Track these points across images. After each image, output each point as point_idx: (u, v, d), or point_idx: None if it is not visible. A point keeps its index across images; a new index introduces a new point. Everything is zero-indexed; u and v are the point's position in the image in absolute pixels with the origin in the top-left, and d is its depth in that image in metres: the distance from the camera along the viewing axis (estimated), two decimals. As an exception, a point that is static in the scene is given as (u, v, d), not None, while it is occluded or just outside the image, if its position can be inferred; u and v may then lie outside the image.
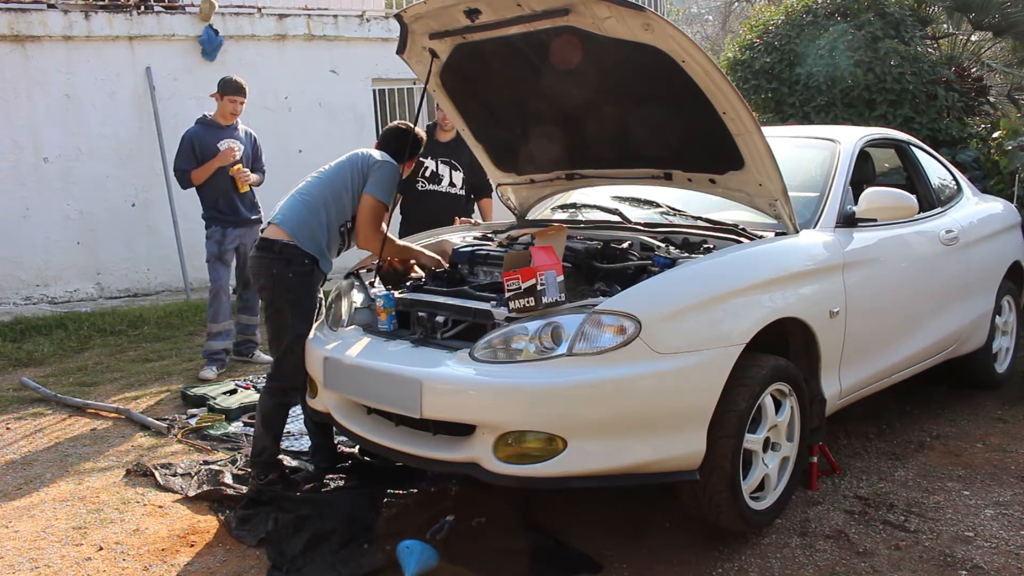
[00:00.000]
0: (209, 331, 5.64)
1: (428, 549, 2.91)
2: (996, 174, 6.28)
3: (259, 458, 3.64)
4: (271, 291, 3.60)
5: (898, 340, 3.88)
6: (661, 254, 3.31)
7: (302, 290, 3.57)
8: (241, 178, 5.49)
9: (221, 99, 5.55)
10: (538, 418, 2.73)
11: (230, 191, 5.51)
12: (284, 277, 3.54)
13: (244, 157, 5.60)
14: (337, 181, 3.67)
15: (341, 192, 3.65)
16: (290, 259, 3.54)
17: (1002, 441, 4.05)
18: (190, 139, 5.51)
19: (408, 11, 3.50)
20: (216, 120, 5.58)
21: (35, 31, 7.85)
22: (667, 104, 3.33)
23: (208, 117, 5.61)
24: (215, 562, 3.09)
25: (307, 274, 3.58)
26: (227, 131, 5.58)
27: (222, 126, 5.58)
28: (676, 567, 2.96)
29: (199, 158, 5.47)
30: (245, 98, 5.61)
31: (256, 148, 5.77)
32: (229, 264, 5.65)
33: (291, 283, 3.54)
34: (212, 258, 5.59)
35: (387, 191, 3.65)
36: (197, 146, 5.48)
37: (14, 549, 3.22)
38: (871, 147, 4.26)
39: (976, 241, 4.45)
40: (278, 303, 3.59)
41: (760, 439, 3.06)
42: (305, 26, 9.12)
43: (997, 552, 3.01)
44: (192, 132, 5.55)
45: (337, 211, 3.65)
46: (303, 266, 3.55)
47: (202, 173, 5.46)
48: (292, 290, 3.55)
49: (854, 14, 7.70)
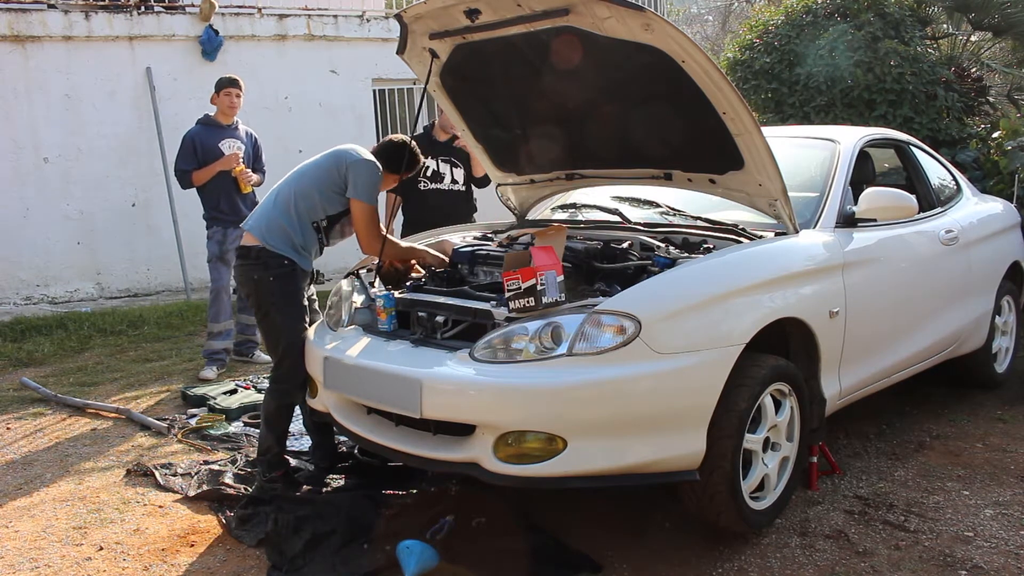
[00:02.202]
0: (209, 331, 5.64)
1: (428, 549, 2.92)
2: (996, 174, 6.28)
3: (264, 456, 3.65)
4: (256, 296, 3.60)
5: (898, 340, 3.88)
6: (661, 254, 3.32)
7: (285, 291, 3.56)
8: (244, 179, 5.49)
9: (218, 96, 5.55)
10: (538, 418, 2.73)
11: (232, 191, 5.50)
12: (265, 281, 3.54)
13: (245, 157, 5.60)
14: (305, 180, 3.62)
15: (309, 190, 3.59)
16: (267, 263, 3.53)
17: (1002, 441, 4.05)
18: (191, 139, 5.50)
19: (408, 11, 3.50)
20: (217, 119, 5.59)
21: (35, 31, 7.85)
22: (667, 104, 3.33)
23: (209, 117, 5.61)
24: (215, 562, 3.09)
25: (287, 275, 3.56)
26: (228, 131, 5.58)
27: (223, 125, 5.58)
28: (676, 567, 2.96)
29: (200, 159, 5.46)
30: (241, 90, 5.60)
31: (257, 148, 5.78)
32: (230, 264, 5.64)
33: (273, 286, 3.54)
34: (213, 258, 5.58)
35: (369, 191, 3.58)
36: (199, 146, 5.47)
37: (14, 549, 3.23)
38: (871, 147, 4.27)
39: (976, 241, 4.45)
40: (264, 307, 3.59)
41: (760, 439, 3.06)
42: (305, 26, 9.12)
43: (997, 552, 3.01)
44: (193, 132, 5.54)
45: (306, 209, 3.59)
46: (282, 267, 3.54)
47: (203, 175, 5.46)
48: (275, 292, 3.55)
49: (854, 14, 7.70)
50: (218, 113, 5.59)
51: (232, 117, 5.61)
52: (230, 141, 5.55)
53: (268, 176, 5.83)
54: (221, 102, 5.56)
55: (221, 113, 5.58)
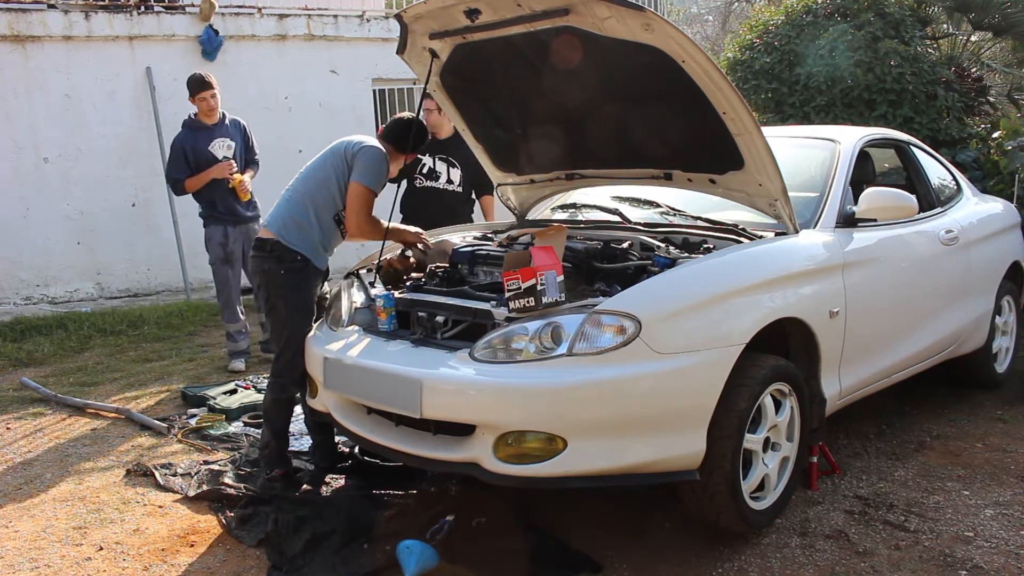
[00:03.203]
0: (227, 332, 5.72)
1: (428, 549, 2.91)
2: (996, 174, 6.28)
3: (264, 451, 3.68)
4: (266, 288, 3.65)
5: (898, 340, 3.88)
6: (661, 254, 3.31)
7: (295, 286, 3.59)
8: (242, 189, 5.45)
9: (194, 100, 5.49)
10: (538, 418, 2.73)
11: (226, 193, 5.46)
12: (276, 274, 3.58)
13: (237, 151, 5.52)
14: (319, 173, 3.66)
15: (325, 183, 3.63)
16: (281, 256, 3.57)
17: (1002, 441, 4.05)
18: (181, 146, 5.43)
19: (408, 11, 3.50)
20: (201, 120, 5.52)
21: (35, 31, 7.85)
22: (667, 104, 3.33)
23: (193, 117, 5.55)
24: (215, 562, 3.09)
25: (298, 271, 3.59)
26: (216, 130, 5.50)
27: (208, 125, 5.50)
28: (676, 567, 2.96)
29: (192, 164, 5.41)
30: (214, 88, 5.47)
31: (247, 138, 5.69)
32: (236, 264, 5.62)
33: (283, 280, 3.58)
34: (217, 261, 5.56)
35: (372, 176, 3.59)
36: (189, 152, 5.41)
37: (14, 549, 3.23)
38: (871, 147, 4.26)
39: (976, 241, 4.45)
40: (273, 300, 3.63)
41: (760, 439, 3.06)
42: (305, 26, 9.12)
43: (997, 552, 3.01)
44: (181, 138, 5.46)
45: (324, 202, 3.62)
46: (295, 263, 3.57)
47: (196, 183, 5.41)
48: (284, 286, 3.58)
49: (854, 14, 7.70)
50: (200, 114, 5.53)
51: (214, 116, 5.52)
52: (220, 141, 5.49)
53: (268, 177, 5.83)
54: (198, 106, 5.50)
55: (202, 114, 5.52)
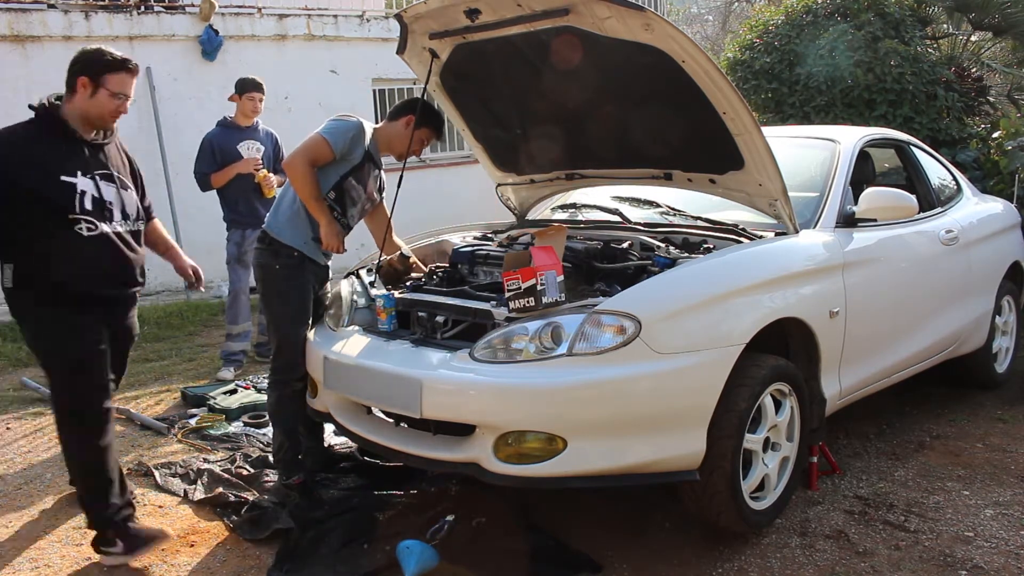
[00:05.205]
0: (228, 332, 5.65)
1: (428, 549, 2.91)
2: (996, 174, 6.29)
3: (278, 455, 3.65)
4: (262, 282, 3.65)
5: (898, 340, 3.88)
6: (661, 254, 3.32)
7: (290, 282, 3.58)
8: (267, 184, 5.43)
9: (240, 99, 5.49)
10: (538, 418, 2.73)
11: (251, 194, 5.44)
12: (272, 268, 3.59)
13: (265, 157, 5.53)
14: None
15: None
16: (277, 251, 3.58)
17: (1002, 441, 4.05)
18: (210, 142, 5.45)
19: (408, 11, 3.50)
20: (236, 121, 5.54)
21: (35, 31, 7.84)
22: (667, 104, 3.33)
23: (228, 119, 5.57)
24: (215, 562, 3.09)
25: (294, 267, 3.58)
26: (248, 132, 5.53)
27: (242, 127, 5.52)
28: (676, 567, 2.96)
29: (219, 161, 5.42)
30: (264, 95, 5.55)
31: (277, 148, 5.71)
32: (248, 266, 5.61)
33: (279, 274, 3.58)
34: (231, 260, 5.57)
35: (331, 129, 3.61)
36: (217, 149, 5.42)
37: (14, 549, 3.22)
38: (871, 147, 4.27)
39: (976, 241, 4.45)
40: (268, 294, 3.63)
41: (760, 439, 3.06)
42: (305, 26, 9.12)
43: (997, 552, 3.01)
44: (212, 135, 5.50)
45: None
46: (290, 259, 3.57)
47: (222, 177, 5.41)
48: (280, 281, 3.58)
49: (854, 14, 7.71)
50: (238, 115, 5.53)
51: (252, 120, 5.55)
52: (248, 143, 5.50)
53: (268, 177, 5.82)
54: (243, 105, 5.49)
55: (241, 115, 5.52)
